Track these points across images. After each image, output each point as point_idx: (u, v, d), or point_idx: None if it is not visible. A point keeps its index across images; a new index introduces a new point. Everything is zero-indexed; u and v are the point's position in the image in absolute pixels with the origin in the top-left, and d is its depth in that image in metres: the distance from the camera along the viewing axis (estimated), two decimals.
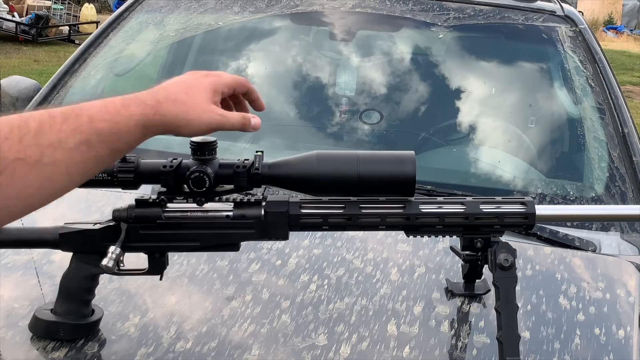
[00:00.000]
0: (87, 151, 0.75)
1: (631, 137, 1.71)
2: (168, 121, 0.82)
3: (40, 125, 0.72)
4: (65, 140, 0.73)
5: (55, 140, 0.72)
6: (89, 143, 0.75)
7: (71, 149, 0.73)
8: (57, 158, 0.72)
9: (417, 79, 2.03)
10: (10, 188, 0.69)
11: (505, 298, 0.98)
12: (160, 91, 0.84)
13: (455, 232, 1.06)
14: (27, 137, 0.70)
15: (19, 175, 0.69)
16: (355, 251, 1.29)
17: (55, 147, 0.72)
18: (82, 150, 0.74)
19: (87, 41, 2.08)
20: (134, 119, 0.79)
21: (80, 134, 0.74)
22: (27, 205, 0.73)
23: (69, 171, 0.74)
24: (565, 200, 1.60)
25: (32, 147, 0.70)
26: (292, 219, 1.00)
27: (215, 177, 0.96)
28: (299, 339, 1.05)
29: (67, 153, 0.73)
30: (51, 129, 0.72)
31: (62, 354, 0.99)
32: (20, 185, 0.70)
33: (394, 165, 0.98)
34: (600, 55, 1.93)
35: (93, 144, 0.75)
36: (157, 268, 1.04)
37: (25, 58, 9.72)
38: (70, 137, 0.73)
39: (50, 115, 0.73)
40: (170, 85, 0.86)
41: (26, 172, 0.70)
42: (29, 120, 0.71)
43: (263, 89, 2.05)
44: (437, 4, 2.07)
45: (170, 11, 2.19)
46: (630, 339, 1.13)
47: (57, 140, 0.72)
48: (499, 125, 1.94)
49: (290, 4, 2.12)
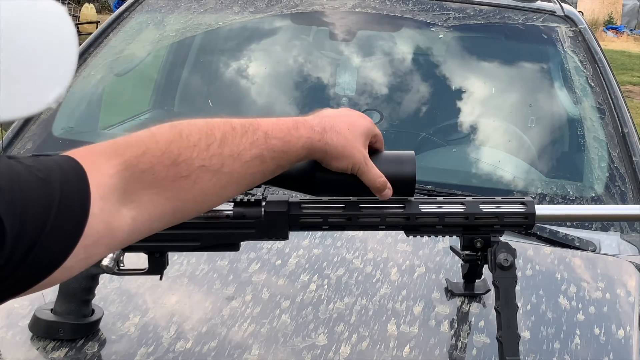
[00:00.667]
0: (259, 165, 0.79)
1: (631, 137, 1.71)
2: (329, 150, 0.87)
3: (224, 135, 0.76)
4: (244, 153, 0.77)
5: (235, 152, 0.76)
6: (262, 158, 0.79)
7: (247, 161, 0.77)
8: (234, 169, 0.76)
9: (417, 79, 2.03)
10: (190, 193, 0.73)
11: (505, 298, 0.98)
12: (326, 120, 0.88)
13: (455, 232, 1.06)
14: (213, 146, 0.74)
15: (201, 182, 0.73)
16: (355, 251, 1.29)
17: (234, 158, 0.76)
18: (255, 164, 0.79)
19: (87, 41, 2.08)
20: (302, 141, 0.83)
21: (256, 148, 0.78)
22: (198, 210, 0.77)
23: (239, 182, 0.78)
24: (565, 200, 1.60)
25: (216, 156, 0.74)
26: (292, 219, 1.00)
27: None
28: (299, 338, 1.05)
29: (243, 165, 0.77)
30: (233, 140, 0.76)
31: (62, 353, 0.99)
32: (199, 191, 0.74)
33: (394, 165, 0.98)
34: (600, 55, 1.93)
35: (265, 159, 0.80)
36: (157, 268, 1.04)
37: None
38: (248, 151, 0.77)
39: (231, 127, 0.77)
40: (334, 117, 0.90)
41: (207, 180, 0.74)
42: (214, 129, 0.75)
43: (263, 89, 2.06)
44: (437, 4, 2.07)
45: (170, 11, 2.19)
46: (630, 339, 1.13)
47: (237, 152, 0.76)
48: (499, 125, 1.94)
49: (290, 4, 2.12)
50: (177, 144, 0.72)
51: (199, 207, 0.77)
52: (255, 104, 2.01)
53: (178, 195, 0.72)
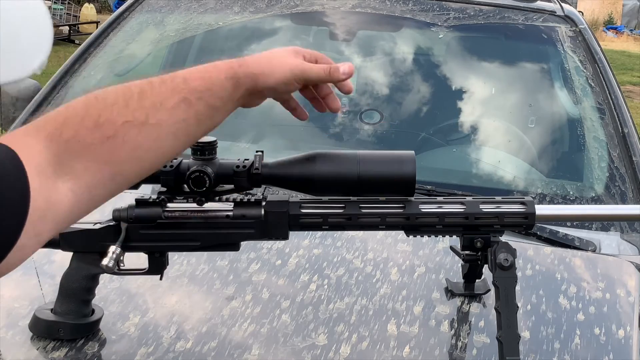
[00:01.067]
0: (187, 109, 0.79)
1: (631, 137, 1.71)
2: (252, 71, 0.87)
3: (141, 89, 0.76)
4: (166, 100, 0.77)
5: (157, 102, 0.76)
6: (187, 101, 0.79)
7: (172, 107, 0.77)
8: (161, 118, 0.76)
9: (417, 79, 2.03)
10: (122, 151, 0.72)
11: (505, 298, 0.98)
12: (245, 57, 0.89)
13: (455, 232, 1.06)
14: (132, 101, 0.74)
15: (130, 138, 0.73)
16: (355, 251, 1.29)
17: (157, 108, 0.76)
18: (182, 108, 0.78)
19: (87, 41, 2.08)
20: (223, 73, 0.84)
21: (177, 93, 0.78)
22: (139, 169, 0.76)
23: (173, 131, 0.78)
24: (565, 200, 1.60)
25: (138, 109, 0.74)
26: (292, 219, 1.00)
27: (215, 177, 0.96)
28: (299, 338, 1.05)
29: (169, 112, 0.77)
30: (152, 91, 0.77)
31: (62, 353, 0.99)
32: (131, 148, 0.73)
33: (394, 165, 0.98)
34: (600, 55, 1.93)
35: (191, 101, 0.79)
36: (157, 268, 1.04)
37: None
38: (170, 98, 0.78)
39: (148, 81, 0.78)
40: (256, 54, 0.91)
41: (135, 134, 0.73)
42: (130, 86, 0.76)
43: None
44: (437, 4, 2.07)
45: (170, 11, 2.19)
46: (630, 339, 1.13)
47: (159, 101, 0.76)
48: (499, 125, 1.94)
49: (290, 4, 2.12)
50: (95, 107, 0.72)
51: (137, 167, 0.76)
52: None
53: (111, 157, 0.71)
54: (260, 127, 1.94)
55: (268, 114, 1.99)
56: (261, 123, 1.96)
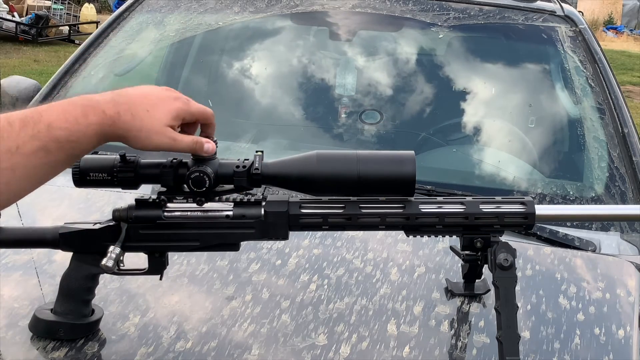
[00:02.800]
0: (44, 157, 0.77)
1: (631, 137, 1.71)
2: (121, 134, 0.85)
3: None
4: (23, 146, 0.75)
5: (12, 147, 0.74)
6: (47, 149, 0.77)
7: (29, 154, 0.75)
8: (15, 163, 0.74)
9: (417, 79, 2.03)
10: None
11: (505, 298, 0.98)
12: (123, 100, 0.85)
13: (455, 232, 1.06)
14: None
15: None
16: (355, 251, 1.29)
17: (12, 152, 0.74)
18: (39, 155, 0.76)
19: (87, 41, 2.08)
20: (91, 129, 0.81)
21: (38, 140, 0.76)
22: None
23: (26, 176, 0.76)
24: (565, 200, 1.60)
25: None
26: (292, 219, 1.00)
27: (215, 177, 0.96)
28: (299, 338, 1.05)
29: (25, 159, 0.75)
30: (9, 135, 0.74)
31: (62, 353, 0.99)
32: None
33: (394, 165, 0.98)
34: (600, 55, 1.93)
35: (51, 150, 0.77)
36: (157, 268, 1.04)
37: (25, 58, 9.72)
38: (28, 144, 0.75)
39: (8, 122, 0.75)
40: (137, 97, 0.87)
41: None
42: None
43: (263, 88, 2.06)
44: (437, 4, 2.07)
45: (170, 11, 2.19)
46: (630, 339, 1.13)
47: (15, 146, 0.74)
48: (499, 125, 1.94)
49: (290, 4, 2.12)
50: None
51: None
52: (256, 104, 2.01)
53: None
54: (260, 127, 1.94)
55: (268, 114, 1.99)
56: (261, 123, 1.96)
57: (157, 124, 0.87)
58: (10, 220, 1.28)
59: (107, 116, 0.83)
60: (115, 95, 0.86)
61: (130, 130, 0.85)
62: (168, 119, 0.88)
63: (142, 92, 0.89)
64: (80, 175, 0.95)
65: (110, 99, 0.85)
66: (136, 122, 0.85)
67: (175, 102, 0.90)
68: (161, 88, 0.92)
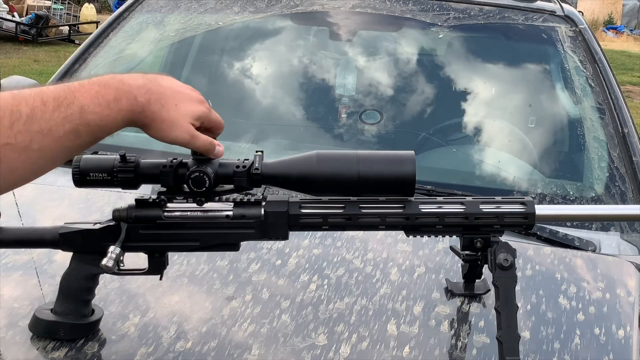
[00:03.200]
0: (74, 140, 0.77)
1: (631, 137, 1.71)
2: (146, 122, 0.86)
3: (32, 111, 0.73)
4: (55, 128, 0.74)
5: (45, 128, 0.73)
6: (77, 132, 0.77)
7: (60, 137, 0.75)
8: (45, 145, 0.74)
9: (417, 79, 2.03)
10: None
11: (505, 298, 0.98)
12: (155, 89, 0.86)
13: (455, 232, 1.06)
14: (18, 123, 0.71)
15: (7, 160, 0.71)
16: (355, 251, 1.29)
17: (44, 134, 0.73)
18: (70, 138, 0.76)
19: (87, 41, 2.08)
20: (121, 114, 0.82)
21: (69, 123, 0.76)
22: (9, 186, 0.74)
23: (54, 157, 0.76)
24: (565, 200, 1.60)
25: (23, 133, 0.71)
26: (292, 219, 1.00)
27: (215, 177, 0.96)
28: (299, 338, 1.05)
29: (56, 141, 0.75)
30: (42, 115, 0.73)
31: (62, 353, 0.99)
32: (6, 169, 0.71)
33: (394, 165, 0.98)
34: (600, 55, 1.93)
35: (81, 133, 0.77)
36: (157, 268, 1.04)
37: (25, 58, 9.72)
38: (60, 126, 0.75)
39: (42, 100, 0.74)
40: (168, 89, 0.88)
41: (14, 158, 0.71)
42: (21, 104, 0.72)
43: (263, 88, 2.06)
44: (437, 4, 2.07)
45: (170, 11, 2.19)
46: (630, 339, 1.13)
47: (47, 128, 0.74)
48: (499, 125, 1.94)
49: (290, 4, 2.12)
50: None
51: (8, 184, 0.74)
52: (256, 104, 2.01)
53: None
54: (260, 127, 1.94)
55: (268, 114, 1.99)
56: (261, 123, 1.96)
57: (182, 119, 0.89)
58: (10, 220, 1.28)
59: (137, 103, 0.83)
60: (147, 81, 0.86)
61: (155, 120, 0.86)
62: (192, 118, 0.90)
63: (173, 86, 0.90)
64: (80, 176, 0.95)
65: (142, 84, 0.85)
66: (163, 113, 0.86)
67: (200, 105, 0.93)
68: (189, 87, 0.94)
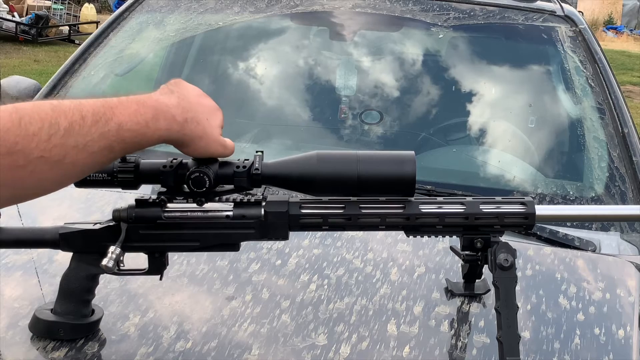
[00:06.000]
0: (107, 155, 0.77)
1: (631, 137, 1.71)
2: (186, 141, 0.87)
3: (70, 125, 0.72)
4: (91, 144, 0.74)
5: (81, 143, 0.73)
6: (111, 148, 0.77)
7: (94, 152, 0.75)
8: (78, 159, 0.73)
9: (417, 79, 2.03)
10: (28, 180, 0.70)
11: (505, 298, 0.98)
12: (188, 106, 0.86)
13: (455, 232, 1.06)
14: (56, 136, 0.70)
15: (39, 172, 0.70)
16: (355, 251, 1.29)
17: (79, 149, 0.73)
18: (103, 154, 0.76)
19: (87, 41, 2.08)
20: (158, 134, 0.82)
21: (105, 139, 0.75)
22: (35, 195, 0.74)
23: (84, 170, 0.76)
24: (565, 200, 1.60)
25: (58, 147, 0.71)
26: (292, 219, 1.00)
27: (215, 177, 0.96)
28: (299, 338, 1.05)
29: (89, 156, 0.74)
30: (80, 130, 0.73)
31: (62, 353, 0.99)
32: (36, 181, 0.71)
33: (394, 165, 0.98)
34: (600, 55, 1.93)
35: (114, 149, 0.77)
36: (157, 268, 1.04)
37: (25, 58, 9.72)
38: (96, 142, 0.74)
39: (81, 115, 0.73)
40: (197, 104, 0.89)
41: (46, 170, 0.71)
42: (60, 118, 0.71)
43: (263, 88, 2.06)
44: (437, 4, 2.07)
45: (170, 11, 2.19)
46: (630, 339, 1.13)
47: (84, 143, 0.73)
48: (498, 125, 1.94)
49: (290, 4, 2.12)
50: (15, 132, 0.67)
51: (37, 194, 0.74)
52: (256, 104, 2.01)
53: (14, 183, 0.69)
54: (260, 127, 1.94)
55: (268, 114, 1.99)
56: (261, 123, 1.96)
57: (215, 133, 0.90)
58: (10, 220, 1.28)
59: (176, 122, 0.84)
60: (179, 99, 0.86)
61: (193, 139, 0.87)
62: (219, 128, 0.92)
63: (198, 99, 0.90)
64: None
65: (177, 103, 0.85)
66: (199, 130, 0.87)
67: (219, 112, 0.94)
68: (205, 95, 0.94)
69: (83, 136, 0.73)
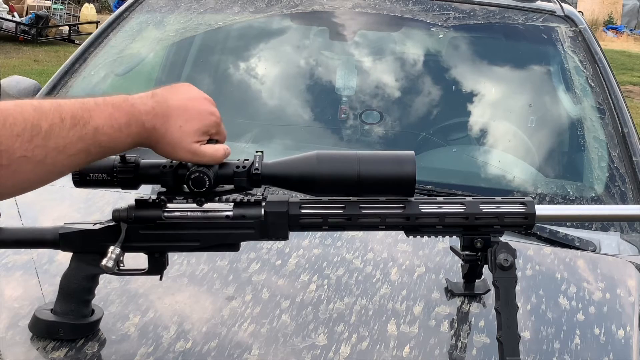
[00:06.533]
0: (84, 158, 0.80)
1: (631, 137, 1.71)
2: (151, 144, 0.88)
3: (50, 127, 0.75)
4: (69, 146, 0.77)
5: (60, 145, 0.76)
6: (88, 152, 0.80)
7: (72, 154, 0.78)
8: (58, 160, 0.76)
9: (417, 79, 2.03)
10: (9, 181, 0.73)
11: (505, 298, 0.98)
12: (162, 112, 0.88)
13: (455, 232, 1.06)
14: (37, 137, 0.73)
15: (21, 172, 0.73)
16: (355, 251, 1.29)
17: (59, 151, 0.76)
18: (80, 157, 0.79)
19: (87, 41, 2.08)
20: (130, 138, 0.84)
21: (83, 142, 0.78)
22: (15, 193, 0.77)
23: (63, 171, 0.79)
24: (565, 200, 1.60)
25: (40, 147, 0.74)
26: (292, 219, 1.00)
27: (215, 177, 0.96)
28: (299, 339, 1.05)
29: (68, 157, 0.77)
30: (59, 133, 0.76)
31: (62, 354, 0.99)
32: (18, 180, 0.74)
33: (394, 165, 0.98)
34: (600, 55, 1.93)
35: (91, 152, 0.80)
36: (157, 268, 1.04)
37: (25, 58, 9.72)
38: (74, 145, 0.77)
39: (60, 118, 0.76)
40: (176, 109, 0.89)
41: (29, 170, 0.73)
42: (41, 119, 0.74)
43: (263, 88, 2.06)
44: (437, 4, 2.07)
45: (170, 11, 2.19)
46: (630, 339, 1.13)
47: (63, 145, 0.76)
48: (498, 125, 1.94)
49: (290, 4, 2.12)
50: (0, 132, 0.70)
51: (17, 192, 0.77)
52: (256, 104, 2.01)
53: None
54: (260, 127, 1.94)
55: (268, 114, 1.99)
56: (261, 123, 1.96)
57: (185, 140, 0.90)
58: (10, 220, 1.28)
59: (145, 129, 0.86)
60: (156, 104, 0.88)
61: (159, 142, 0.88)
62: (197, 135, 0.91)
63: (182, 104, 0.90)
64: (80, 176, 0.95)
65: (150, 109, 0.87)
66: (167, 136, 0.88)
67: (210, 117, 0.93)
68: (203, 98, 0.94)
69: (62, 138, 0.76)
